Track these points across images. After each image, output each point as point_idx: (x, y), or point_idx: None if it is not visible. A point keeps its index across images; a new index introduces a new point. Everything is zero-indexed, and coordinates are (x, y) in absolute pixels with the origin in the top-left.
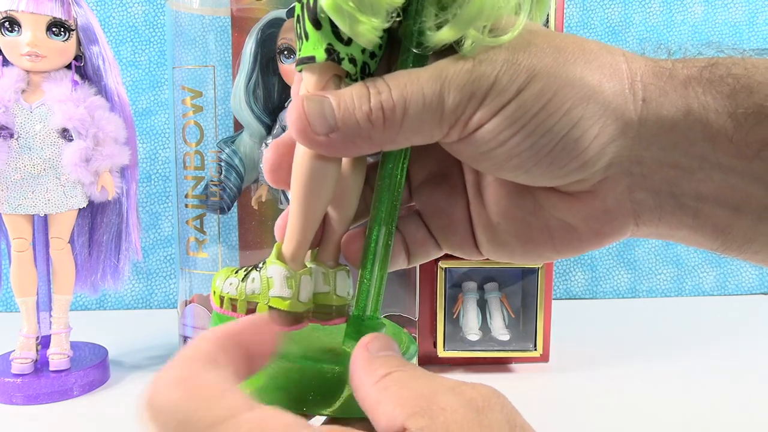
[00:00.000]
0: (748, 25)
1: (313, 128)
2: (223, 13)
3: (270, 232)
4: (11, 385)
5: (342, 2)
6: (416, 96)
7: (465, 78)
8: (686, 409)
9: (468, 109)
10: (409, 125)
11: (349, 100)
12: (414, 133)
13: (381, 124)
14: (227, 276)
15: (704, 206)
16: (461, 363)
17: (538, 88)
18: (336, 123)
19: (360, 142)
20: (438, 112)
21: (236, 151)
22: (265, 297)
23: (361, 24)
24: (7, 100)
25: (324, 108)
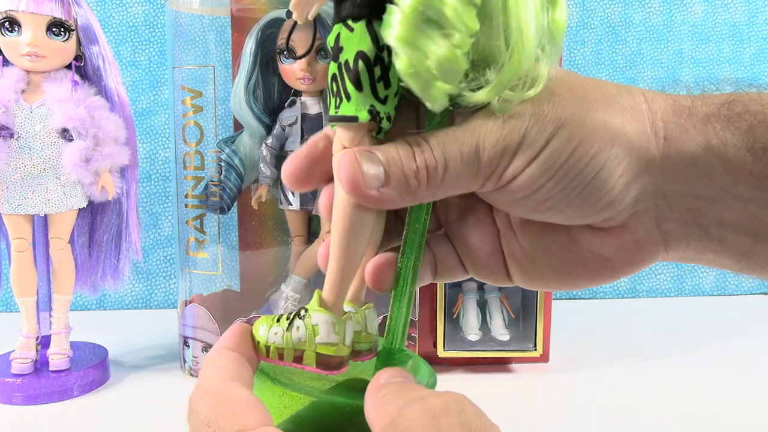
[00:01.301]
0: (748, 25)
1: (366, 183)
2: (223, 13)
3: (270, 232)
4: (11, 385)
5: (422, 68)
6: (455, 154)
7: (497, 134)
8: (686, 408)
9: (502, 162)
10: (450, 180)
11: (397, 158)
12: (453, 188)
13: (425, 181)
14: (269, 325)
15: (727, 233)
16: (461, 363)
17: (566, 136)
18: (387, 179)
19: (406, 196)
20: (474, 167)
21: (236, 151)
22: (312, 344)
23: (437, 89)
24: (7, 100)
25: (375, 164)
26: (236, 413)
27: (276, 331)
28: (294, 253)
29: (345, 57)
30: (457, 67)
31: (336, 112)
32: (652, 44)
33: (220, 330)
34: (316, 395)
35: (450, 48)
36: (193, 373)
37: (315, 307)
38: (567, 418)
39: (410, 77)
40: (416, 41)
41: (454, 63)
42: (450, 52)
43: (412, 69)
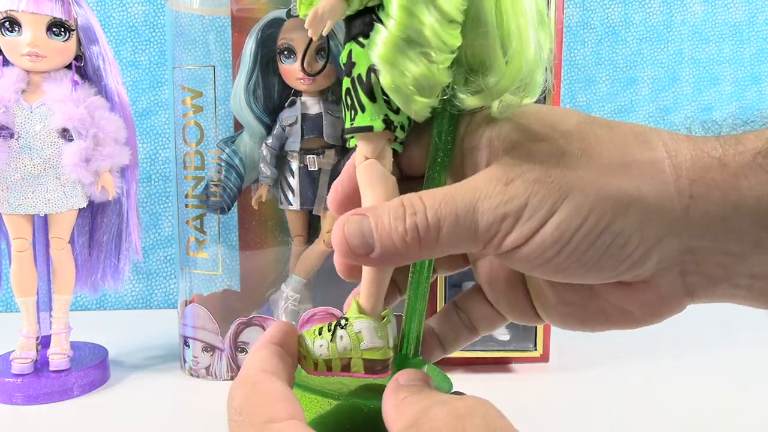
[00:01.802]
0: (748, 25)
1: (354, 250)
2: (223, 13)
3: (270, 232)
4: (11, 385)
5: (402, 84)
6: (450, 217)
7: (497, 199)
8: (686, 408)
9: (502, 230)
10: (444, 243)
11: (386, 221)
12: (449, 249)
13: (417, 244)
14: (313, 339)
15: (757, 282)
16: (461, 363)
17: (573, 206)
18: (374, 244)
19: (399, 259)
20: (471, 232)
21: (236, 151)
22: (358, 351)
23: (416, 103)
24: (8, 100)
25: (363, 229)
26: (266, 404)
27: (321, 344)
28: (294, 253)
29: (358, 71)
30: (435, 82)
31: (351, 124)
32: (652, 44)
33: (221, 330)
34: (338, 398)
35: (427, 66)
36: (193, 373)
37: (355, 315)
38: (567, 418)
39: (392, 92)
40: (396, 60)
41: (431, 79)
42: (427, 71)
43: (392, 85)
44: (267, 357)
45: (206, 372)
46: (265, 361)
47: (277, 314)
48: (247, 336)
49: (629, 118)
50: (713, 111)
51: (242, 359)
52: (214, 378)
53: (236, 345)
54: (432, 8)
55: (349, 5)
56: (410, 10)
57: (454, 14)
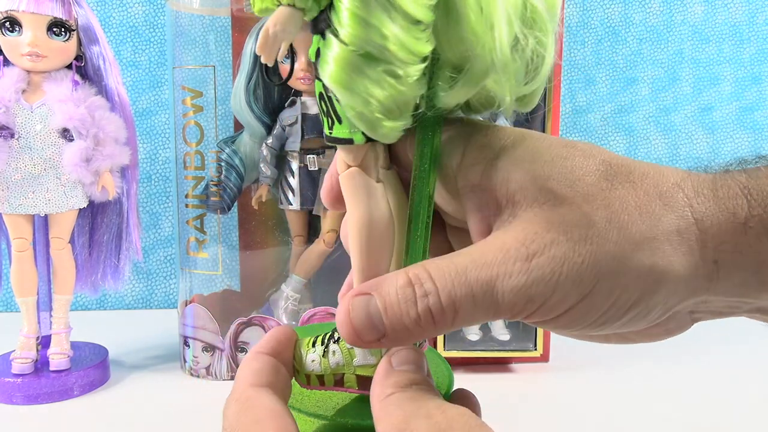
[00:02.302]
0: (748, 25)
1: (362, 337)
2: (224, 13)
3: (270, 231)
4: (11, 385)
5: (365, 111)
6: (466, 298)
7: (520, 280)
8: (686, 408)
9: (525, 311)
10: (460, 322)
11: (396, 304)
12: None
13: (431, 326)
14: (306, 352)
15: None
16: (461, 363)
17: (605, 289)
18: (385, 329)
19: (411, 340)
20: (492, 310)
21: (236, 151)
22: (350, 367)
23: (384, 128)
24: (8, 100)
25: (371, 313)
26: (258, 422)
27: (313, 358)
28: (294, 253)
29: None
30: (404, 101)
31: (330, 133)
32: (652, 44)
33: (221, 330)
34: (327, 418)
35: (394, 86)
36: (194, 373)
37: None
38: (567, 418)
39: (354, 119)
40: (353, 85)
41: (399, 99)
42: (394, 91)
43: (353, 112)
44: (258, 369)
45: (206, 372)
46: (257, 374)
47: (277, 314)
48: (247, 336)
49: (629, 118)
50: (713, 111)
51: (242, 359)
52: (214, 378)
53: (236, 345)
54: (393, 13)
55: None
56: (365, 19)
57: (420, 15)
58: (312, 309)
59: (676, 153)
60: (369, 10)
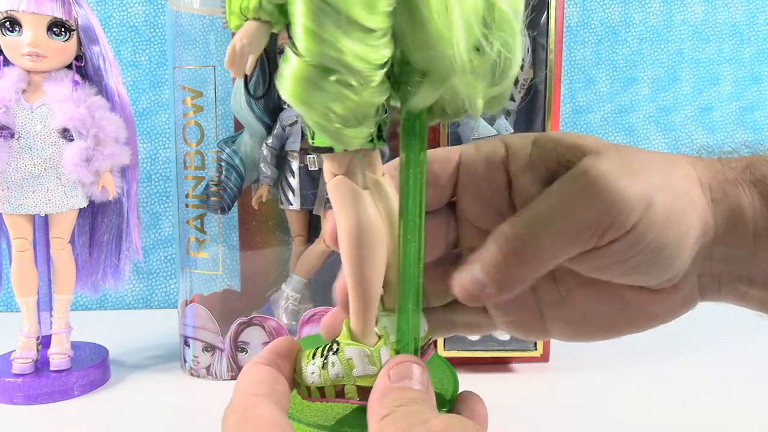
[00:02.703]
0: (748, 25)
1: (472, 294)
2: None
3: (271, 231)
4: (12, 385)
5: (326, 123)
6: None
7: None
8: (686, 408)
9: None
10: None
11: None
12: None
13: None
14: (306, 363)
15: (751, 289)
16: (462, 363)
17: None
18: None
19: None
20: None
21: (237, 151)
22: (350, 378)
23: (346, 136)
24: (8, 100)
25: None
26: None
27: (312, 370)
28: (294, 252)
29: None
30: (366, 109)
31: (313, 142)
32: (652, 44)
33: (221, 330)
34: (327, 428)
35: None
36: (194, 373)
37: (346, 341)
38: (567, 418)
39: (317, 131)
40: (312, 100)
41: (360, 109)
42: (354, 103)
43: (315, 126)
44: (258, 379)
45: (207, 372)
46: (256, 384)
47: (277, 314)
48: (248, 336)
49: (629, 118)
50: (713, 111)
51: (243, 359)
52: (214, 378)
53: (237, 345)
54: (346, 26)
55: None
56: (319, 34)
57: (374, 23)
58: (312, 309)
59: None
60: (322, 26)
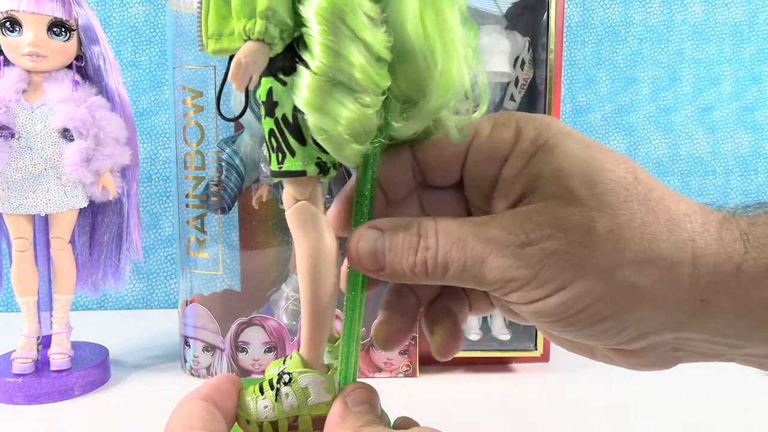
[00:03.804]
0: (749, 25)
1: (364, 264)
2: None
3: (271, 231)
4: (12, 385)
5: (334, 132)
6: (458, 262)
7: (509, 261)
8: (686, 408)
9: (507, 288)
10: (449, 281)
11: (400, 249)
12: (455, 284)
13: (423, 276)
14: (255, 399)
15: (751, 359)
16: (462, 363)
17: (582, 290)
18: (384, 265)
19: (405, 281)
20: (477, 279)
21: (237, 151)
22: (305, 408)
23: (349, 149)
24: (8, 100)
25: (377, 247)
26: None
27: (265, 404)
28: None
29: (282, 112)
30: (369, 126)
31: (280, 167)
32: (653, 44)
33: (221, 330)
34: None
35: (360, 110)
36: (194, 373)
37: (300, 369)
38: (567, 418)
39: (323, 139)
40: (325, 106)
41: (365, 123)
42: (361, 114)
43: (323, 134)
44: (193, 413)
45: (207, 372)
46: (192, 417)
47: (277, 314)
48: (248, 336)
49: (629, 118)
50: (713, 111)
51: (243, 359)
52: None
53: (237, 345)
54: (361, 46)
55: (272, 48)
56: (336, 50)
57: (382, 52)
58: None
59: (677, 153)
60: (339, 42)
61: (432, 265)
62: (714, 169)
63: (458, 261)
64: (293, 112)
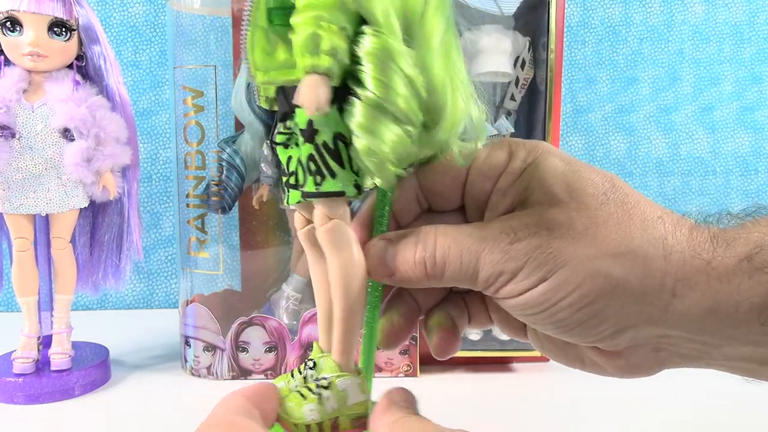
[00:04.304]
0: (749, 25)
1: (375, 271)
2: (224, 13)
3: (271, 231)
4: (13, 385)
5: (379, 151)
6: (454, 261)
7: (498, 257)
8: (687, 408)
9: (497, 284)
10: (448, 280)
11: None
12: (453, 284)
13: (423, 275)
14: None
15: (732, 362)
16: (462, 362)
17: (562, 279)
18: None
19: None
20: (472, 279)
21: (237, 151)
22: (345, 408)
23: (389, 171)
24: (9, 100)
25: (386, 255)
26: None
27: (311, 408)
28: (295, 252)
29: (322, 138)
30: (407, 151)
31: (317, 188)
32: (653, 44)
33: (222, 329)
34: None
35: (403, 135)
36: (195, 373)
37: (337, 374)
38: (568, 418)
39: (367, 159)
40: (374, 128)
41: (406, 148)
42: (403, 139)
43: (371, 155)
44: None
45: (207, 372)
46: (239, 408)
47: (278, 314)
48: (248, 336)
49: (629, 118)
50: (714, 110)
51: (243, 359)
52: (215, 378)
53: (237, 345)
54: (406, 81)
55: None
56: (386, 84)
57: (420, 89)
58: (313, 308)
59: (677, 153)
60: (388, 77)
61: (431, 264)
62: (714, 169)
63: (455, 259)
64: (333, 139)
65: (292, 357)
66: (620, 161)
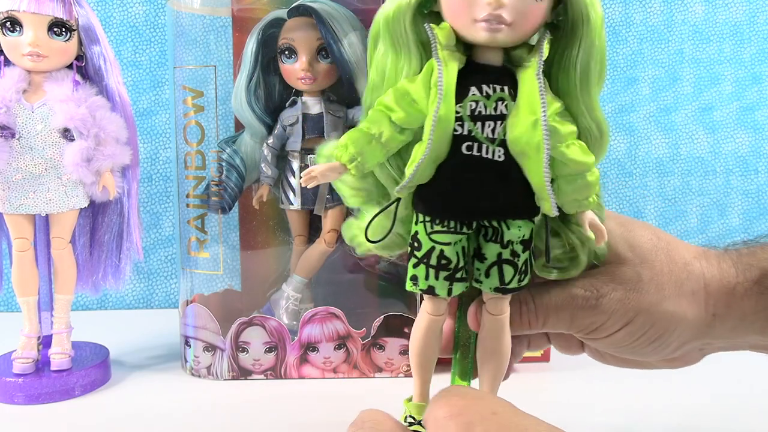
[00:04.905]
0: (749, 25)
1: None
2: (224, 13)
3: (271, 231)
4: (13, 385)
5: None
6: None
7: (588, 315)
8: (687, 408)
9: (587, 329)
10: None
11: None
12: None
13: (527, 326)
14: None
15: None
16: None
17: (641, 322)
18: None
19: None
20: (566, 327)
21: (237, 151)
22: None
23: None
24: (9, 100)
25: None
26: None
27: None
28: (295, 252)
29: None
30: None
31: (520, 284)
32: (653, 44)
33: (222, 330)
34: None
35: None
36: (195, 373)
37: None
38: (568, 418)
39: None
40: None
41: None
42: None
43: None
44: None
45: (207, 372)
46: (378, 412)
47: (278, 314)
48: (249, 336)
49: (629, 118)
50: (714, 111)
51: (243, 359)
52: (215, 378)
53: (237, 345)
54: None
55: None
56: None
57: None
58: (313, 309)
59: (677, 153)
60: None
61: (534, 321)
62: (714, 169)
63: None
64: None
65: (292, 357)
66: (620, 161)
